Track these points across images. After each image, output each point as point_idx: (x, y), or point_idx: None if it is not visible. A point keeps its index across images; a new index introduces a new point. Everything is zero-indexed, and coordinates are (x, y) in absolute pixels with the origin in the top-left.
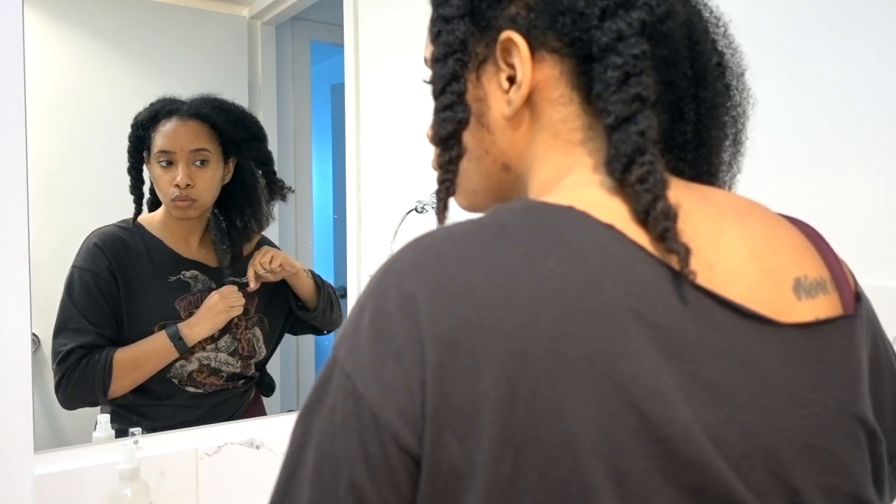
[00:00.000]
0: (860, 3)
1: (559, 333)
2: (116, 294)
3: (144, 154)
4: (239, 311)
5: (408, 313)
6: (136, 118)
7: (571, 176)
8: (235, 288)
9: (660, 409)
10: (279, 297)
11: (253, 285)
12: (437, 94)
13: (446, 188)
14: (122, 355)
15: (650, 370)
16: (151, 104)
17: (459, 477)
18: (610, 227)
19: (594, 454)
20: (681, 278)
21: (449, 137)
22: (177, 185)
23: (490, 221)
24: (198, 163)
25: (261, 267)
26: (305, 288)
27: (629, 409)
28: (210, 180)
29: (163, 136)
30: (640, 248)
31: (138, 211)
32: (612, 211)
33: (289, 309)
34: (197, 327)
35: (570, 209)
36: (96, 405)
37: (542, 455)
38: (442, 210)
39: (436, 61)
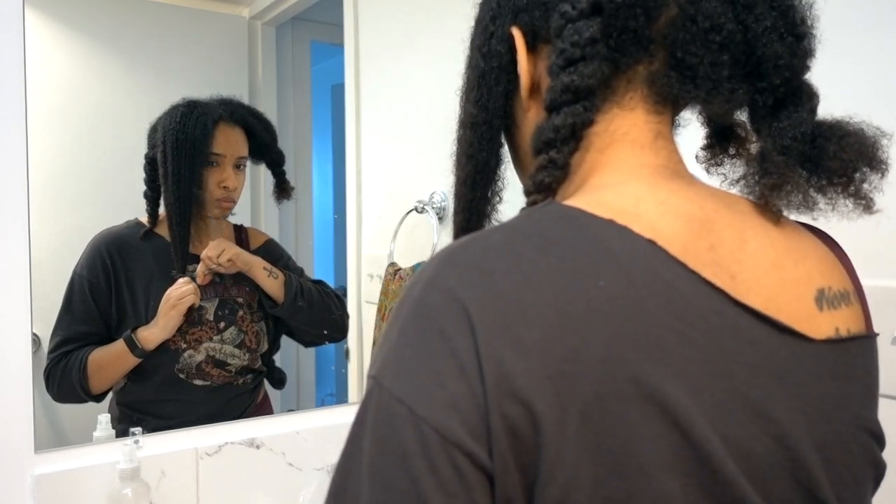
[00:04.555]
0: (866, 5)
1: (609, 356)
2: (113, 297)
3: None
4: (191, 300)
5: (464, 331)
6: (180, 123)
7: (582, 170)
8: (188, 279)
9: (699, 428)
10: None
11: (200, 280)
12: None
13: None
14: (92, 356)
15: (691, 390)
16: (181, 106)
17: (514, 499)
18: (652, 243)
19: (640, 474)
20: (719, 294)
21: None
22: (225, 187)
23: (529, 231)
24: (239, 167)
25: (210, 261)
26: (268, 285)
27: (672, 429)
28: (243, 183)
29: (215, 138)
30: (681, 264)
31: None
32: (647, 222)
33: None
34: (153, 328)
35: (611, 223)
36: (86, 401)
37: (590, 476)
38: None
39: None
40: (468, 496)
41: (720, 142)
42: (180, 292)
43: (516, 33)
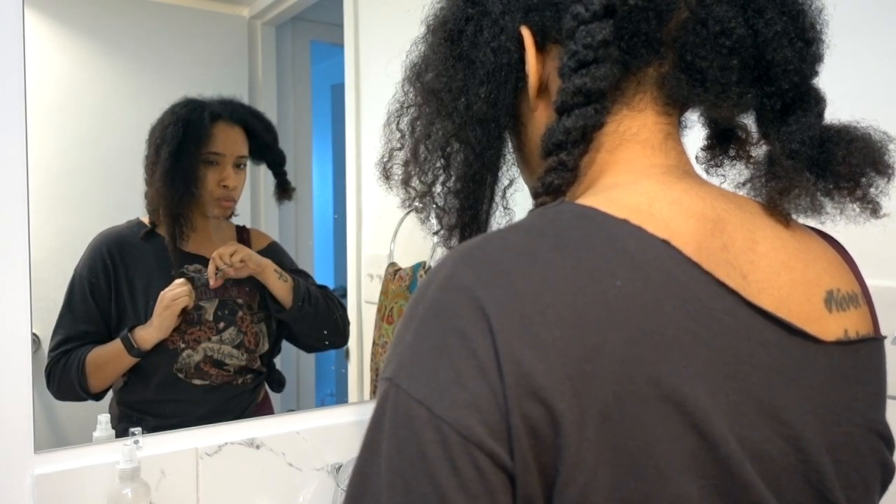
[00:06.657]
0: (873, 9)
1: (627, 356)
2: (112, 296)
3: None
4: (184, 302)
5: (483, 331)
6: (181, 120)
7: (591, 171)
8: (183, 280)
9: (717, 430)
10: None
11: (213, 282)
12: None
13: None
14: (91, 355)
15: (707, 392)
16: (180, 105)
17: (534, 499)
18: (666, 244)
19: (657, 476)
20: (733, 295)
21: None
22: (225, 186)
23: (545, 230)
24: (239, 166)
25: (220, 261)
26: (278, 288)
27: (690, 430)
28: (244, 182)
29: (214, 137)
30: (695, 264)
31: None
32: (661, 222)
33: None
34: (149, 328)
35: (625, 222)
36: (86, 399)
37: (608, 477)
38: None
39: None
40: (490, 497)
41: (720, 143)
42: (174, 294)
43: (525, 32)
